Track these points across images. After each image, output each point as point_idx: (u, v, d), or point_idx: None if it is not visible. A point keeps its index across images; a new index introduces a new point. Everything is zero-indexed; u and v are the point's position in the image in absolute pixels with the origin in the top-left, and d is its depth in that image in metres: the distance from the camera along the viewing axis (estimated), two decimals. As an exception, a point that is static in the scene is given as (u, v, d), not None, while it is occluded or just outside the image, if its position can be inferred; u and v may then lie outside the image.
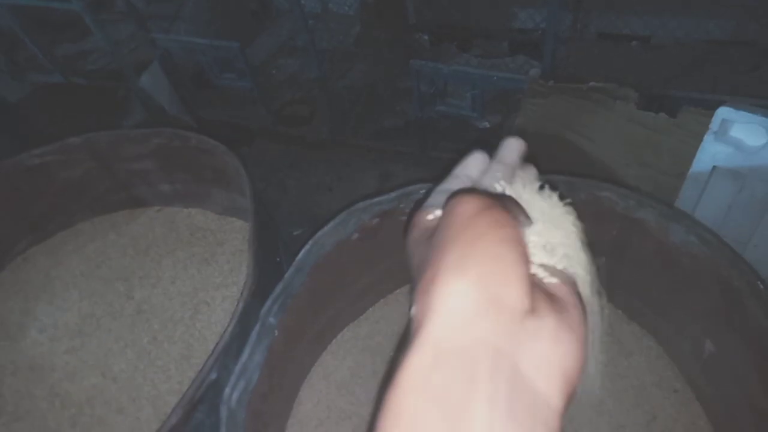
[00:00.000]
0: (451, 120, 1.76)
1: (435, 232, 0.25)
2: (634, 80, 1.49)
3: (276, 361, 0.69)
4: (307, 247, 0.72)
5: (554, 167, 0.74)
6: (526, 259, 0.22)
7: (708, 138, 0.98)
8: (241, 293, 0.70)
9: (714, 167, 0.99)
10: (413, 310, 0.22)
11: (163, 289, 0.96)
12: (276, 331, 0.68)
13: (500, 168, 0.32)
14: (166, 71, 1.94)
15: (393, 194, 0.75)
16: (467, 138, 1.75)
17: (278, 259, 0.87)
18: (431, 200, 0.30)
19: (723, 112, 0.92)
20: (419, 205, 0.31)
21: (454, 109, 1.59)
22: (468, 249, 0.22)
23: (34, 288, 0.95)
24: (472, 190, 0.24)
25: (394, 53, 1.99)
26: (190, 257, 1.00)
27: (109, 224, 1.05)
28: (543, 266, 0.26)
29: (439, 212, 0.28)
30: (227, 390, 0.62)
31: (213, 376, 0.65)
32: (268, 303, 0.68)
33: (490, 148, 0.36)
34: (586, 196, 0.73)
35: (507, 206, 0.25)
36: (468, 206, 0.23)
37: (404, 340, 0.23)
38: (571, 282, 0.26)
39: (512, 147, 0.33)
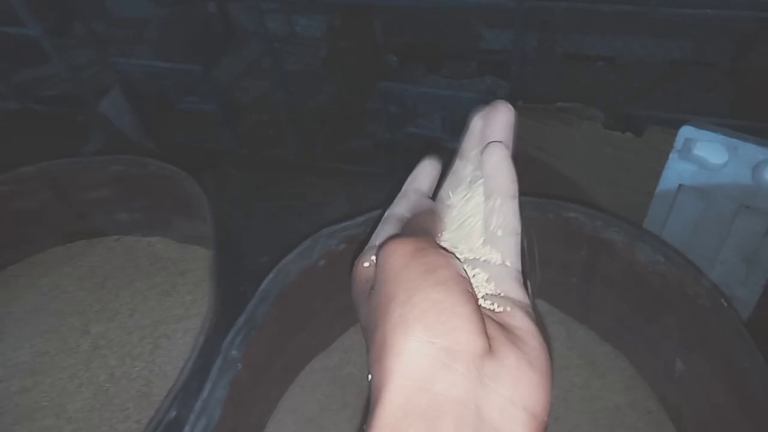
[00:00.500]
0: (421, 141, 1.76)
1: (374, 286, 0.24)
2: (601, 99, 1.51)
3: (240, 397, 0.66)
4: (270, 275, 0.69)
5: (524, 188, 0.73)
6: (470, 296, 0.21)
7: (673, 156, 0.99)
8: (202, 326, 0.67)
9: (680, 185, 1.00)
10: (370, 378, 0.21)
11: (121, 323, 0.91)
12: (239, 365, 0.65)
13: (462, 168, 0.30)
14: (127, 96, 1.90)
15: (360, 219, 0.73)
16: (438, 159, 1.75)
17: (242, 289, 0.84)
18: (367, 247, 0.29)
19: (686, 131, 0.93)
20: (360, 249, 0.29)
21: (424, 130, 1.59)
22: (407, 304, 0.21)
23: (-15, 324, 0.89)
24: (398, 238, 0.23)
25: (362, 75, 1.98)
26: (150, 288, 0.96)
27: (65, 256, 1.00)
28: (491, 296, 0.24)
29: (374, 259, 0.27)
30: (187, 429, 0.59)
31: (172, 414, 0.62)
32: (231, 335, 0.65)
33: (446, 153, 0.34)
34: (554, 217, 0.72)
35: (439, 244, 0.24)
36: (397, 257, 0.22)
37: (367, 409, 0.21)
38: (523, 306, 0.24)
39: (474, 129, 0.30)
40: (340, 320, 0.86)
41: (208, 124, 1.98)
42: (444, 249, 0.24)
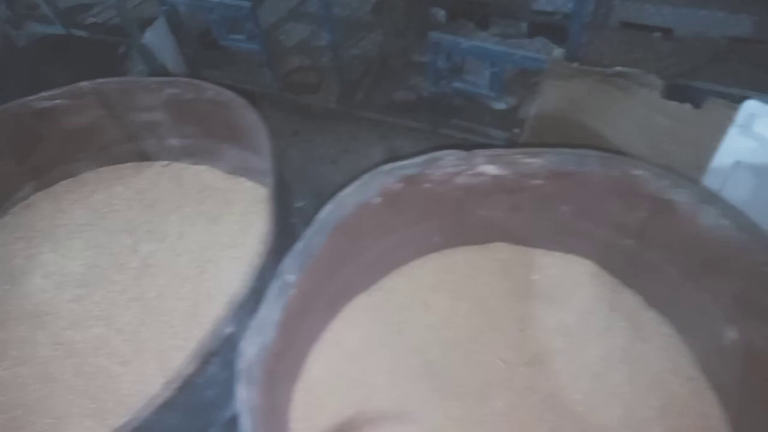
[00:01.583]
0: (464, 98, 1.73)
1: None
2: (656, 70, 1.46)
3: (290, 322, 0.67)
4: (329, 206, 0.69)
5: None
6: None
7: (732, 132, 0.96)
8: (260, 249, 0.67)
9: (736, 162, 0.97)
10: None
11: (170, 245, 0.93)
12: (293, 290, 0.66)
13: None
14: (171, 29, 1.88)
15: (420, 158, 0.73)
16: (482, 118, 1.72)
17: (293, 220, 0.84)
18: None
19: (750, 106, 0.90)
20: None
21: (471, 86, 1.55)
22: None
23: (38, 235, 0.92)
24: None
25: (409, 25, 1.94)
26: (198, 215, 0.97)
27: (114, 176, 1.02)
28: None
29: None
30: (244, 344, 0.60)
31: (229, 329, 0.63)
32: (288, 260, 0.65)
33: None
34: (619, 174, 0.71)
35: None
36: None
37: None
38: None
39: None
40: (384, 261, 0.86)
41: (249, 65, 1.96)
42: None
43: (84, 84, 0.87)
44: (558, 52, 1.37)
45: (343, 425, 0.74)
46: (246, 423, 0.56)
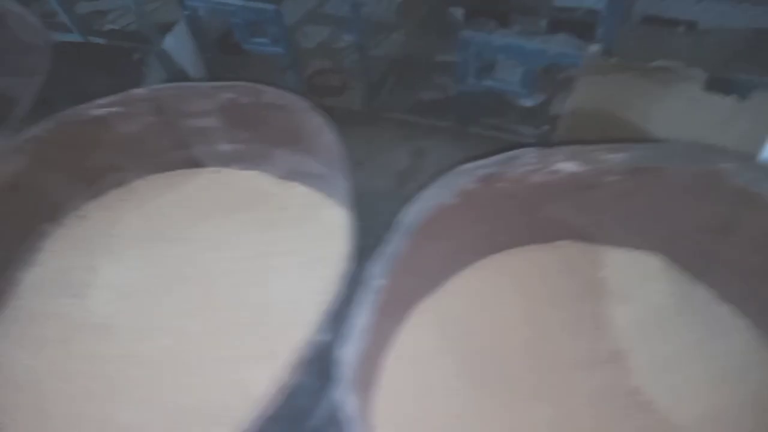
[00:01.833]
0: (490, 96, 1.72)
1: None
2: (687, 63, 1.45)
3: (377, 327, 0.66)
4: (414, 207, 0.68)
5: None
6: None
7: (782, 123, 0.96)
8: (345, 254, 0.66)
9: (787, 153, 0.96)
10: None
11: (229, 253, 0.92)
12: (381, 295, 0.65)
13: None
14: (192, 33, 1.86)
15: (497, 157, 0.72)
16: (509, 116, 1.71)
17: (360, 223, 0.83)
18: None
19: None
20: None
21: (502, 84, 1.55)
22: None
23: (96, 246, 0.90)
24: None
25: (431, 25, 1.93)
26: (253, 221, 0.96)
27: (164, 183, 1.00)
28: None
29: None
30: (342, 351, 0.59)
31: (323, 337, 0.62)
32: (375, 264, 0.64)
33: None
34: (702, 167, 0.70)
35: None
36: None
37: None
38: None
39: None
40: (450, 263, 0.85)
41: (270, 68, 1.95)
42: None
43: (138, 91, 0.86)
44: (595, 47, 1.37)
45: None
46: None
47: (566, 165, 0.72)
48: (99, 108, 0.86)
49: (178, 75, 2.03)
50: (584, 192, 0.78)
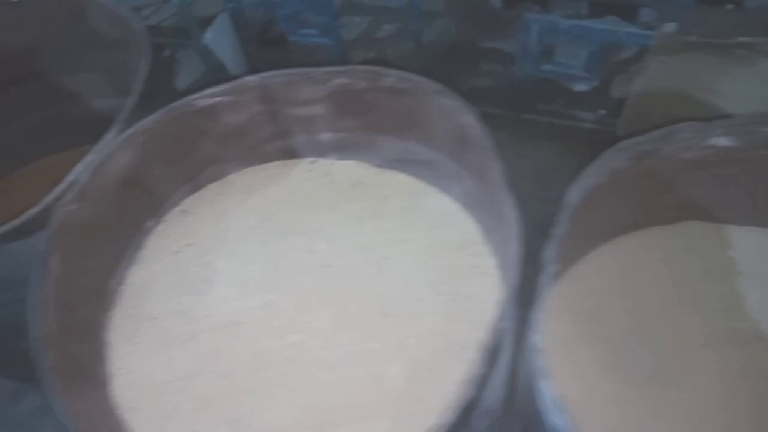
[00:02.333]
0: (542, 81, 1.70)
1: None
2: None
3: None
4: (576, 187, 0.66)
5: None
6: None
7: None
8: (513, 238, 0.64)
9: None
10: None
11: (341, 245, 0.89)
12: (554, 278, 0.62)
13: None
14: (235, 27, 1.82)
15: (656, 133, 0.69)
16: (564, 101, 1.69)
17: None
18: None
19: None
20: None
21: (562, 68, 1.53)
22: None
23: (206, 241, 0.87)
24: None
25: (472, 12, 1.90)
26: (359, 211, 0.93)
27: (263, 176, 0.97)
28: None
29: None
30: (536, 338, 0.56)
31: (504, 325, 0.60)
32: (550, 248, 0.62)
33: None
34: None
35: None
36: None
37: None
38: None
39: None
40: (582, 245, 0.83)
41: (311, 61, 1.91)
42: None
43: (250, 78, 0.83)
44: (670, 26, 1.35)
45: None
46: (560, 419, 0.53)
47: (720, 140, 0.70)
48: (209, 98, 0.83)
49: (216, 70, 1.99)
50: (725, 168, 0.76)
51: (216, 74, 1.96)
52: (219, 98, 0.84)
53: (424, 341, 0.80)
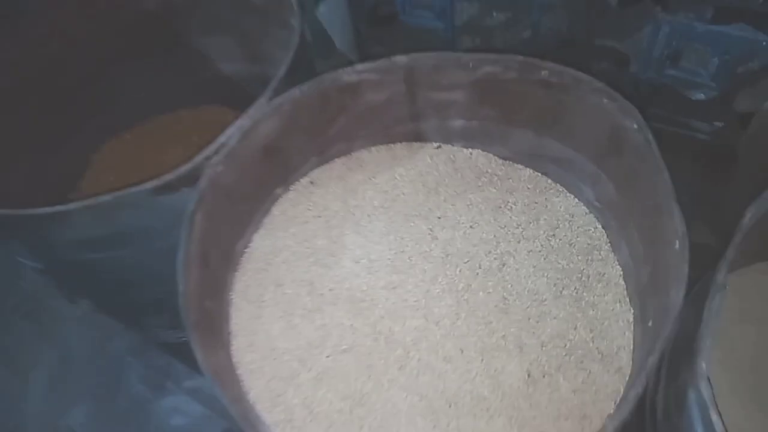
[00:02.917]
0: (656, 85, 1.62)
1: None
2: None
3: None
4: (754, 208, 0.62)
5: None
6: None
7: None
8: (678, 258, 0.61)
9: None
10: None
11: (464, 234, 0.88)
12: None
13: None
14: (349, 1, 1.83)
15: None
16: (675, 107, 1.61)
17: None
18: None
19: None
20: None
21: (689, 75, 1.45)
22: None
23: (335, 215, 0.88)
24: None
25: (589, 6, 1.82)
26: (483, 202, 0.92)
27: (389, 156, 0.97)
28: None
29: None
30: (702, 365, 0.54)
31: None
32: (722, 271, 0.58)
33: None
34: None
35: None
36: None
37: None
38: None
39: None
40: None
41: (418, 43, 1.89)
42: None
43: (399, 58, 0.82)
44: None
45: None
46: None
47: None
48: (356, 74, 0.82)
49: (323, 45, 2.00)
50: None
51: (323, 49, 1.98)
52: (365, 75, 0.83)
53: (544, 344, 0.78)
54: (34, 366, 1.71)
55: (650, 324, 0.67)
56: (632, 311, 0.78)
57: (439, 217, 0.89)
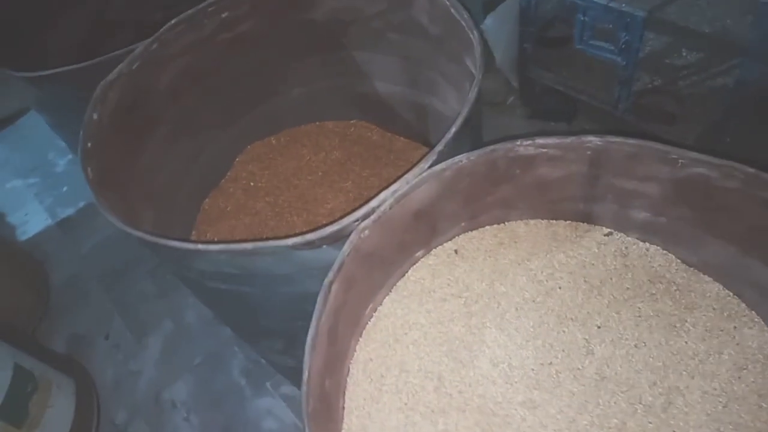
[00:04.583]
0: None
1: None
2: None
3: None
4: None
5: None
6: None
7: None
8: None
9: None
10: None
11: (627, 353, 0.74)
12: None
13: None
14: (521, 18, 1.68)
15: None
16: None
17: None
18: None
19: None
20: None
21: None
22: None
23: (479, 299, 0.78)
24: None
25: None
26: (654, 316, 0.77)
27: (548, 234, 0.84)
28: None
29: None
30: None
31: None
32: None
33: None
34: None
35: None
36: None
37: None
38: None
39: None
40: None
41: (588, 73, 1.71)
42: None
43: (591, 138, 0.69)
44: None
45: None
46: None
47: None
48: (534, 147, 0.71)
49: (485, 62, 1.86)
50: None
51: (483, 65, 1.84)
52: (545, 150, 0.71)
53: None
54: (152, 330, 1.80)
55: None
56: None
57: (599, 327, 0.76)
